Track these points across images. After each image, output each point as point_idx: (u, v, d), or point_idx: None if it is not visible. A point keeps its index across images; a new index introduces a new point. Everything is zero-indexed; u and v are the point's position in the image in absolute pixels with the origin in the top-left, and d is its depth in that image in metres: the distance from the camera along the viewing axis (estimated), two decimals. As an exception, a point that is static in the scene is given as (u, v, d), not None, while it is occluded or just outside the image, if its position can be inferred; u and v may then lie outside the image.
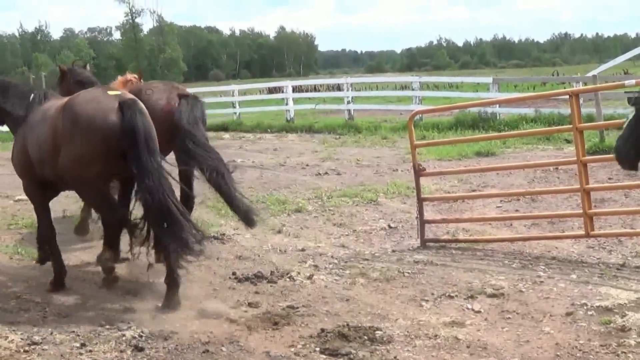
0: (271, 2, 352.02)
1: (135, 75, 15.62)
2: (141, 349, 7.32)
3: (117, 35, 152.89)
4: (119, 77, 15.87)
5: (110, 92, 8.77)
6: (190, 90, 18.65)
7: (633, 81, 10.41)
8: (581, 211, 10.13)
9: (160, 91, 10.09)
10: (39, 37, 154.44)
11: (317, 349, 7.15)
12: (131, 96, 8.78)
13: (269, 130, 31.65)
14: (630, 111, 6.16)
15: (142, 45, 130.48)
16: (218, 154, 9.95)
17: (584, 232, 10.07)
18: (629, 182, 12.69)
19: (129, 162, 8.29)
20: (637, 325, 7.24)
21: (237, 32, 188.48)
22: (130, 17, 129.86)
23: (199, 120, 9.93)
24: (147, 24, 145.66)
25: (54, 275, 9.47)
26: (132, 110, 8.34)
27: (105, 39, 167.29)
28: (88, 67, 12.29)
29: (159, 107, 9.71)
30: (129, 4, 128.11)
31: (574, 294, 8.34)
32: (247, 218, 9.76)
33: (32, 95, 9.40)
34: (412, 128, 11.57)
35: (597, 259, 9.76)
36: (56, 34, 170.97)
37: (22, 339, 7.67)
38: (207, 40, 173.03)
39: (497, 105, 25.99)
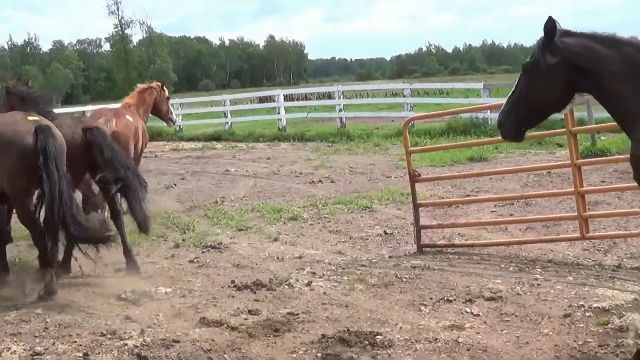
0: (260, 11, 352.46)
1: (159, 83, 15.91)
2: (144, 358, 7.35)
3: (106, 46, 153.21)
4: (139, 85, 16.21)
5: (29, 118, 9.97)
6: (182, 100, 18.85)
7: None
8: (576, 214, 10.21)
9: (68, 127, 10.84)
10: (28, 50, 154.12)
11: (319, 354, 7.20)
12: (47, 122, 10.00)
13: (261, 139, 31.68)
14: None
15: (131, 56, 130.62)
16: (133, 170, 10.89)
17: (579, 235, 10.15)
18: (621, 185, 12.77)
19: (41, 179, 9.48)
20: (634, 325, 7.30)
21: (227, 42, 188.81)
22: (119, 28, 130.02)
23: (105, 146, 10.63)
24: (136, 35, 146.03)
25: None
26: (45, 134, 9.52)
27: (94, 51, 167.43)
28: (30, 83, 12.50)
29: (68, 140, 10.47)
30: (119, 15, 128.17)
31: (571, 295, 8.40)
32: (141, 224, 10.78)
33: None
34: (407, 135, 11.64)
35: (593, 260, 9.83)
36: (45, 46, 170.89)
37: (24, 349, 7.71)
38: (196, 51, 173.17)
39: (489, 111, 26.07)
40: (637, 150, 6.43)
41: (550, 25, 6.62)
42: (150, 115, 16.45)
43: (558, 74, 6.67)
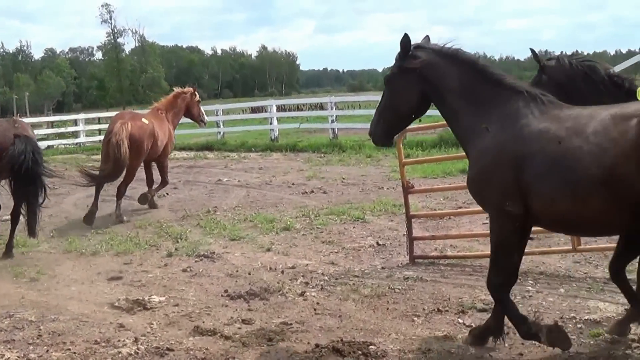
0: (253, 21, 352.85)
1: (191, 89, 17.06)
2: (138, 366, 7.38)
3: (98, 55, 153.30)
4: (175, 89, 18.29)
5: None
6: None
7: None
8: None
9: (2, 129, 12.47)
10: (20, 58, 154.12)
11: (313, 364, 7.24)
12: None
13: (253, 149, 31.72)
14: None
15: (124, 65, 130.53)
16: (40, 181, 12.60)
17: (570, 247, 10.22)
18: None
19: None
20: (625, 337, 7.36)
21: (219, 52, 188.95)
22: (112, 37, 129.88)
23: (29, 154, 12.30)
24: (129, 44, 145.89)
25: None
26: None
27: (87, 59, 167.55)
28: None
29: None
30: (111, 24, 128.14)
31: (563, 307, 8.46)
32: (30, 228, 12.57)
33: None
34: (401, 146, 11.69)
35: (584, 273, 9.89)
36: (37, 54, 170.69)
37: (18, 356, 7.71)
38: (188, 60, 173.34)
39: (481, 123, 26.09)
40: (470, 172, 7.09)
41: (405, 41, 7.34)
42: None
43: (412, 85, 7.36)
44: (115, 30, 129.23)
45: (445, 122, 7.67)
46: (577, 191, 6.26)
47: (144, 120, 16.61)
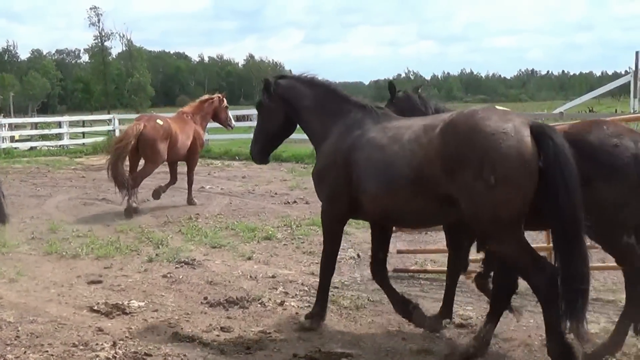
0: (241, 30, 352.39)
1: (219, 95, 19.86)
2: (115, 370, 7.38)
3: (85, 58, 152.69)
4: (205, 95, 19.99)
5: None
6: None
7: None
8: (550, 245, 10.30)
9: None
10: (6, 58, 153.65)
11: (290, 373, 7.27)
12: None
13: (237, 157, 31.73)
14: None
15: (110, 69, 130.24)
16: None
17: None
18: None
19: None
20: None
21: (206, 59, 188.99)
22: (99, 40, 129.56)
23: None
24: (116, 48, 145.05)
25: None
26: None
27: (73, 62, 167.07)
28: None
29: None
30: (99, 27, 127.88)
31: (530, 324, 8.51)
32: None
33: None
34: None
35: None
36: (24, 54, 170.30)
37: (-6, 358, 7.71)
38: (175, 66, 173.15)
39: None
40: (314, 168, 8.60)
41: (266, 80, 9.05)
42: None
43: (277, 108, 8.93)
44: (103, 34, 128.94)
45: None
46: (395, 189, 7.39)
47: (158, 121, 17.76)
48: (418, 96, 9.93)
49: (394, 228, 9.63)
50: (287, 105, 8.87)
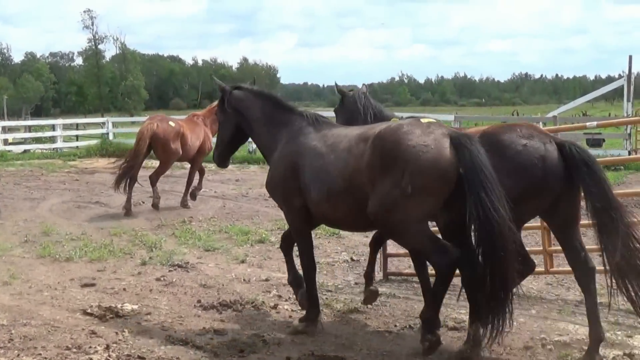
0: (235, 33, 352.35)
1: None
2: (108, 373, 7.38)
3: (79, 60, 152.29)
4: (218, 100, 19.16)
5: None
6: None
7: (594, 123, 10.70)
8: (541, 248, 10.37)
9: None
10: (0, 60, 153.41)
11: (283, 376, 7.27)
12: None
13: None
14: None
15: (103, 72, 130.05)
16: None
17: (543, 269, 10.30)
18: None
19: None
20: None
21: (200, 62, 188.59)
22: (93, 43, 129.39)
23: None
24: (109, 51, 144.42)
25: None
26: None
27: (67, 65, 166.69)
28: None
29: None
30: (93, 30, 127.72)
31: (534, 328, 8.54)
32: None
33: None
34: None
35: (556, 295, 10.00)
36: (17, 57, 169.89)
37: (-12, 360, 7.70)
38: (169, 70, 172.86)
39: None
40: (267, 177, 9.09)
41: (220, 86, 9.52)
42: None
43: (231, 118, 9.39)
44: (97, 37, 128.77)
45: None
46: (331, 196, 7.90)
47: (170, 123, 18.71)
48: (363, 100, 10.53)
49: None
50: (240, 116, 9.33)
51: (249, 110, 9.22)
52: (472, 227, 7.08)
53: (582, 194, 7.51)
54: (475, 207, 6.91)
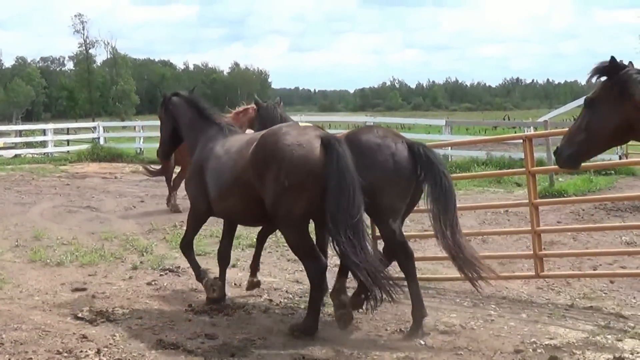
0: (226, 37, 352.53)
1: (254, 106, 19.36)
2: (99, 377, 7.38)
3: (70, 65, 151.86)
4: (241, 107, 20.12)
5: None
6: (143, 123, 19.24)
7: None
8: (531, 252, 10.39)
9: None
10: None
11: (274, 380, 7.28)
12: None
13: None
14: None
15: (94, 76, 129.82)
16: None
17: (533, 273, 10.32)
18: (577, 225, 12.99)
19: None
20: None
21: (191, 67, 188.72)
22: (84, 48, 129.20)
23: None
24: (100, 55, 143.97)
25: None
26: None
27: (58, 69, 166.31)
28: None
29: None
30: (84, 34, 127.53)
31: (524, 332, 8.56)
32: None
33: None
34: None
35: (546, 299, 10.02)
36: (8, 61, 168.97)
37: (-22, 365, 7.69)
38: (160, 74, 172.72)
39: (450, 148, 26.33)
40: (185, 176, 10.62)
41: (162, 93, 11.12)
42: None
43: (168, 121, 10.76)
44: (88, 41, 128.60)
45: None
46: (225, 193, 9.13)
47: None
48: (273, 108, 12.05)
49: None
50: (174, 120, 10.63)
51: (181, 117, 10.49)
52: (331, 215, 8.04)
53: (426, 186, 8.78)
54: (339, 203, 7.99)
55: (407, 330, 8.64)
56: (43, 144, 39.92)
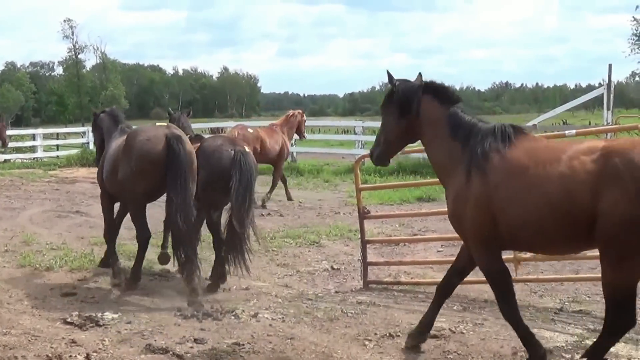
0: (215, 42, 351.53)
1: (299, 111, 23.77)
2: (88, 382, 7.37)
3: (59, 70, 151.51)
4: (291, 111, 23.86)
5: None
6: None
7: (574, 131, 10.73)
8: (512, 256, 10.35)
9: None
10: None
11: (263, 384, 7.28)
12: None
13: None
14: None
15: (84, 81, 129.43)
16: None
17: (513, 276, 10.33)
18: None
19: None
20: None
21: (181, 72, 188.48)
22: (73, 53, 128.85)
23: None
24: (90, 60, 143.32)
25: None
26: None
27: (47, 74, 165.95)
28: None
29: None
30: (73, 39, 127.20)
31: (513, 336, 8.55)
32: None
33: None
34: (358, 172, 11.81)
35: (535, 303, 10.04)
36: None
37: (-33, 370, 7.68)
38: (149, 79, 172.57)
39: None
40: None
41: (92, 110, 14.06)
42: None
43: (98, 130, 12.84)
44: (77, 46, 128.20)
45: (404, 149, 8.40)
46: (113, 179, 11.22)
47: (248, 129, 21.93)
48: (181, 119, 14.42)
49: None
50: (100, 129, 12.65)
51: (104, 129, 12.43)
52: (168, 194, 10.47)
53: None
54: (173, 193, 10.37)
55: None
56: (32, 149, 39.87)
